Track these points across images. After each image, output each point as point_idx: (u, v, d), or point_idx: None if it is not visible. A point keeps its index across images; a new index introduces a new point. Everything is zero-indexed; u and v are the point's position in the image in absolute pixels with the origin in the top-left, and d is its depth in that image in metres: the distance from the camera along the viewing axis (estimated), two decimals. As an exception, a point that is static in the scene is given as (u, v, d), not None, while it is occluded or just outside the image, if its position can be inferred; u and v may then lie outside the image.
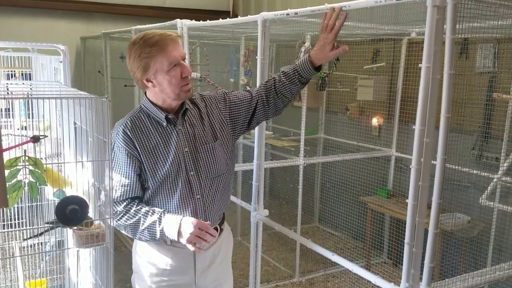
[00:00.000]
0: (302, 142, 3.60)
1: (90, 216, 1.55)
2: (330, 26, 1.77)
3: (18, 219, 2.53)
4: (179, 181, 1.75)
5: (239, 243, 4.41)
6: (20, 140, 1.94)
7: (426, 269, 1.61)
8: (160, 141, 1.76)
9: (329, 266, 3.88)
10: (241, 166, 3.64)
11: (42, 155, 2.08)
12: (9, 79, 3.36)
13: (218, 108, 1.88)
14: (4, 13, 4.75)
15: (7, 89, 1.87)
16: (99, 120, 1.47)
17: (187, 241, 1.65)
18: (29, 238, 1.91)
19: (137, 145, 1.73)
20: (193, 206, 1.77)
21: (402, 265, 1.67)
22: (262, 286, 3.46)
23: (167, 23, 3.33)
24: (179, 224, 1.67)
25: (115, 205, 1.74)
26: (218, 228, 1.88)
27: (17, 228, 2.56)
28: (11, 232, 3.15)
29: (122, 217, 1.73)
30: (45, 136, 1.78)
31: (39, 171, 1.50)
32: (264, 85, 1.91)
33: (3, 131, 2.43)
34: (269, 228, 2.98)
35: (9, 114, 2.62)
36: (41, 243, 3.02)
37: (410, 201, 1.61)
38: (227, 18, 2.95)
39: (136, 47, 1.68)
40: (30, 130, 2.40)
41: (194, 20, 3.20)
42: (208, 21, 3.04)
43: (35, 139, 1.56)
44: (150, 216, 1.71)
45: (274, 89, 1.88)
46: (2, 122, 2.59)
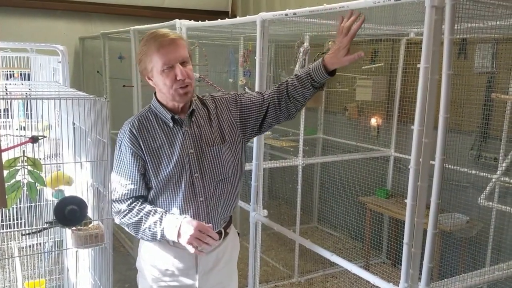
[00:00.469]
0: (301, 142, 3.60)
1: (89, 216, 1.55)
2: (346, 29, 1.68)
3: (17, 220, 2.53)
4: (182, 182, 1.74)
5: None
6: (19, 140, 1.94)
7: (425, 269, 1.61)
8: (165, 141, 1.74)
9: (328, 266, 3.88)
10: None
11: (41, 156, 2.08)
12: (7, 80, 3.35)
13: (228, 109, 1.84)
14: (2, 13, 4.74)
15: (6, 89, 1.86)
16: (98, 120, 1.47)
17: (187, 242, 1.64)
18: (27, 234, 1.91)
19: (142, 144, 1.73)
20: (195, 208, 1.76)
21: (401, 265, 1.67)
22: (261, 286, 3.46)
23: (166, 24, 3.32)
24: (180, 225, 1.66)
25: (119, 203, 1.75)
26: (222, 231, 1.85)
27: (16, 228, 2.56)
28: (10, 232, 3.15)
29: (125, 215, 1.74)
30: (44, 136, 1.78)
31: (38, 172, 1.50)
32: (277, 88, 1.85)
33: (2, 132, 2.43)
34: (268, 228, 2.98)
35: (7, 115, 2.62)
36: (39, 244, 3.01)
37: (409, 201, 1.61)
38: (226, 19, 2.96)
39: (142, 42, 1.70)
40: (28, 130, 2.40)
41: (192, 20, 3.19)
42: (206, 21, 3.04)
43: (34, 140, 1.56)
44: (152, 216, 1.71)
45: (286, 92, 1.82)
46: (1, 123, 2.59)
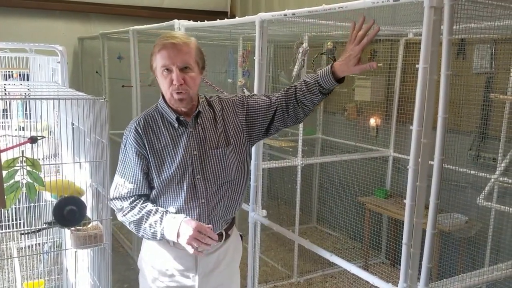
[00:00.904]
0: (300, 143, 3.60)
1: (89, 216, 1.55)
2: (359, 38, 1.63)
3: (16, 220, 2.53)
4: (184, 184, 1.73)
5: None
6: (18, 141, 1.94)
7: (424, 269, 1.61)
8: (169, 142, 1.74)
9: (327, 267, 3.88)
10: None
11: (40, 156, 2.08)
12: (6, 80, 3.35)
13: (235, 112, 1.83)
14: (1, 13, 4.74)
15: (5, 89, 1.86)
16: (97, 120, 1.47)
17: (186, 243, 1.64)
18: (26, 233, 1.91)
19: (146, 143, 1.73)
20: (197, 210, 1.75)
21: (400, 265, 1.68)
22: (260, 286, 3.46)
23: (165, 24, 3.33)
24: (179, 225, 1.66)
25: (122, 200, 1.75)
26: (223, 233, 1.85)
27: (14, 229, 2.56)
28: (9, 233, 3.14)
29: (127, 213, 1.74)
30: (42, 137, 1.78)
31: (37, 172, 1.50)
32: (285, 92, 1.83)
33: (1, 132, 2.43)
34: (267, 228, 2.98)
35: (6, 115, 2.62)
36: (39, 244, 3.01)
37: (408, 201, 1.61)
38: (225, 19, 2.96)
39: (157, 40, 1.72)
40: (27, 130, 2.40)
41: (192, 20, 3.20)
42: (206, 21, 3.04)
43: (33, 140, 1.56)
44: (153, 215, 1.71)
45: (294, 97, 1.80)
46: (0, 123, 2.59)
